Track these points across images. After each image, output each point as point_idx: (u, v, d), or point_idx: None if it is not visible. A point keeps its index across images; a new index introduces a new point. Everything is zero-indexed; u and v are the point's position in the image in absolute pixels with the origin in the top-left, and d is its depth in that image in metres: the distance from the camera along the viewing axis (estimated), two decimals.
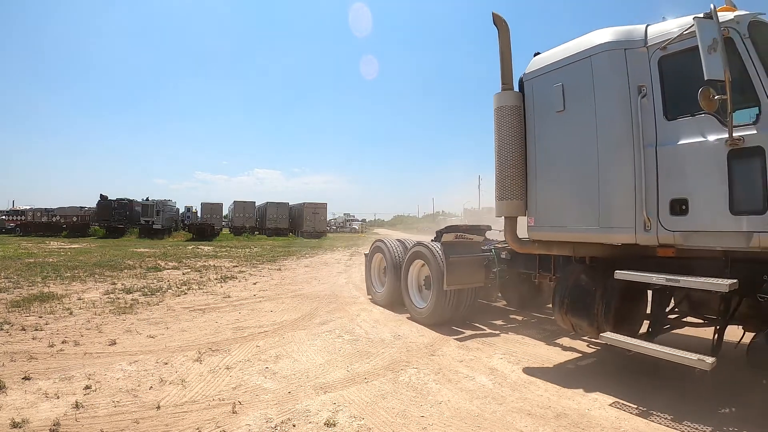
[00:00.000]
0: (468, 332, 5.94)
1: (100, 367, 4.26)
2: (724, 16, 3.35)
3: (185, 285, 9.57)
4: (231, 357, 4.70)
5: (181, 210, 41.34)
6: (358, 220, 70.20)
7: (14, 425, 3.01)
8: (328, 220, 47.08)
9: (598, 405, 3.59)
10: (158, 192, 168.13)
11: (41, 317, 6.25)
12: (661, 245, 3.72)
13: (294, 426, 3.14)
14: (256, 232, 39.11)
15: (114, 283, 9.45)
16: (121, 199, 33.60)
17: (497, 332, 6.00)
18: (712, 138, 3.33)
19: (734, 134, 3.15)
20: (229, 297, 8.32)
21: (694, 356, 3.19)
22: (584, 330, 4.38)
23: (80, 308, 6.91)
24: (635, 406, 3.55)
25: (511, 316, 7.01)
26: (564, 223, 4.40)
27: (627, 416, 3.35)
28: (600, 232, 4.06)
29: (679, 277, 3.47)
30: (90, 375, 4.05)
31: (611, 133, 3.94)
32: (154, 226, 33.07)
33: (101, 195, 33.04)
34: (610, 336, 3.83)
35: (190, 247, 22.17)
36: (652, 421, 3.29)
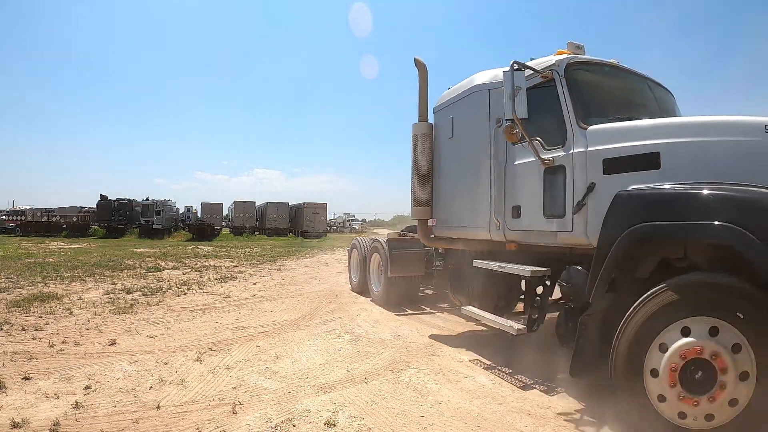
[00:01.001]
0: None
1: (100, 367, 4.26)
2: (551, 60, 4.11)
3: (185, 285, 9.57)
4: (231, 357, 4.70)
5: (181, 210, 41.33)
6: (358, 220, 70.16)
7: (14, 425, 3.01)
8: (328, 220, 47.09)
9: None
10: (158, 192, 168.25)
11: (41, 317, 6.26)
12: (508, 241, 4.67)
13: (294, 426, 3.14)
14: (256, 232, 39.10)
15: (114, 283, 9.46)
16: (121, 199, 33.61)
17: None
18: (535, 159, 4.08)
19: (548, 156, 3.97)
20: (229, 297, 8.32)
21: (507, 323, 4.26)
22: (464, 304, 5.34)
23: (80, 308, 6.91)
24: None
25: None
26: (451, 223, 5.63)
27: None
28: (468, 230, 5.24)
29: (505, 264, 4.46)
30: (90, 375, 4.04)
31: (476, 155, 5.02)
32: (154, 226, 33.06)
33: (101, 195, 33.09)
34: (467, 309, 5.02)
35: (190, 247, 22.19)
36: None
